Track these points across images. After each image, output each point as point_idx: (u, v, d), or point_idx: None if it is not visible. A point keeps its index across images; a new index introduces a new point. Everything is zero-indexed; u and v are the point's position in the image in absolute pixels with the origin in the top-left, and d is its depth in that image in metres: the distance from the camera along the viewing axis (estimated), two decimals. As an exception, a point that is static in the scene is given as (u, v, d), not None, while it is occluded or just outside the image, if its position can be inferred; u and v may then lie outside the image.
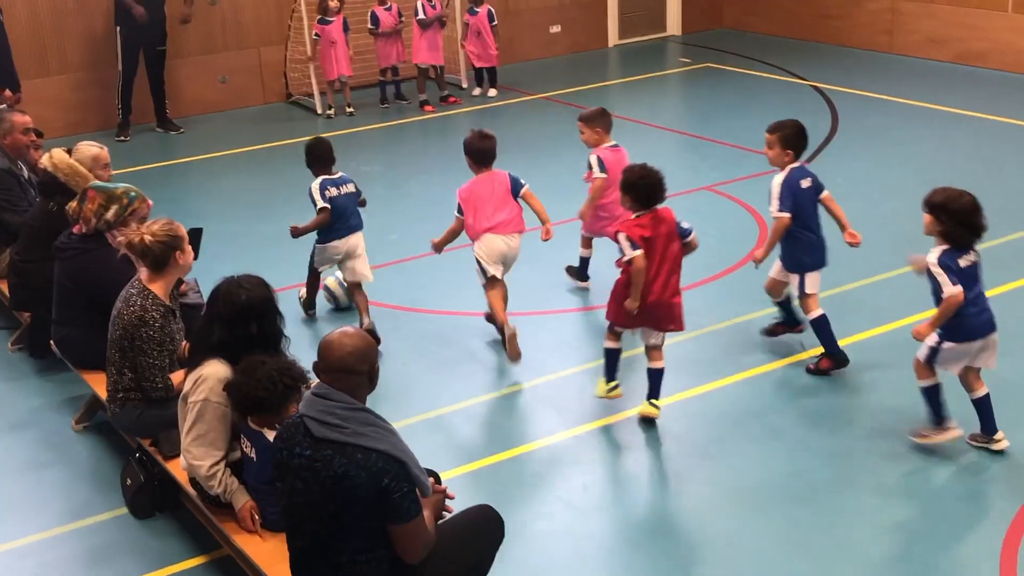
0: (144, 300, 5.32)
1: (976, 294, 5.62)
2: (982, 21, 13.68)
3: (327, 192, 7.36)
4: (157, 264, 5.37)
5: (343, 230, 7.40)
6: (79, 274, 6.09)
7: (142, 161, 11.77)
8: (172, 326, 5.44)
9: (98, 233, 6.11)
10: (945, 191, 5.66)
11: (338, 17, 12.80)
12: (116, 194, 6.14)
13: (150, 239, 5.34)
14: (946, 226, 5.59)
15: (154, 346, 5.33)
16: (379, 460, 3.90)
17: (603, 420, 6.28)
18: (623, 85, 14.35)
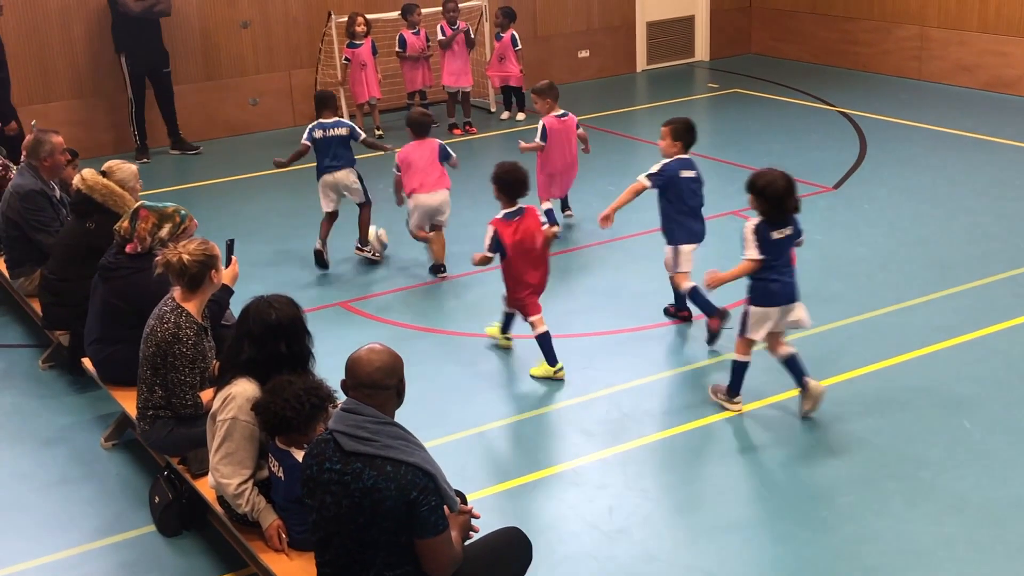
0: (178, 318, 5.37)
1: (783, 264, 6.29)
2: (1012, 48, 13.65)
3: (314, 133, 8.98)
4: (194, 283, 5.43)
5: (328, 167, 8.98)
6: (132, 293, 6.09)
7: (167, 183, 11.89)
8: (204, 344, 5.49)
9: (150, 251, 6.16)
10: (763, 175, 6.32)
11: (367, 40, 12.91)
12: (168, 212, 6.22)
13: (188, 258, 5.40)
14: (764, 206, 6.26)
15: (186, 363, 5.38)
16: (408, 473, 3.93)
17: (629, 444, 6.28)
18: (651, 110, 14.38)
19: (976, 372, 6.87)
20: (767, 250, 6.23)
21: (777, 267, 6.29)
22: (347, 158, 9.01)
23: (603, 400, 6.80)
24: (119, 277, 6.19)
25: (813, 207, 10.02)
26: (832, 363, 7.05)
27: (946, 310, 7.78)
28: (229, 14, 13.56)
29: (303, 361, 4.89)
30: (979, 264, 8.49)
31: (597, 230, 9.64)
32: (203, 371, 5.50)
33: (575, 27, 15.72)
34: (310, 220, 10.49)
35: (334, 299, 8.48)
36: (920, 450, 6.05)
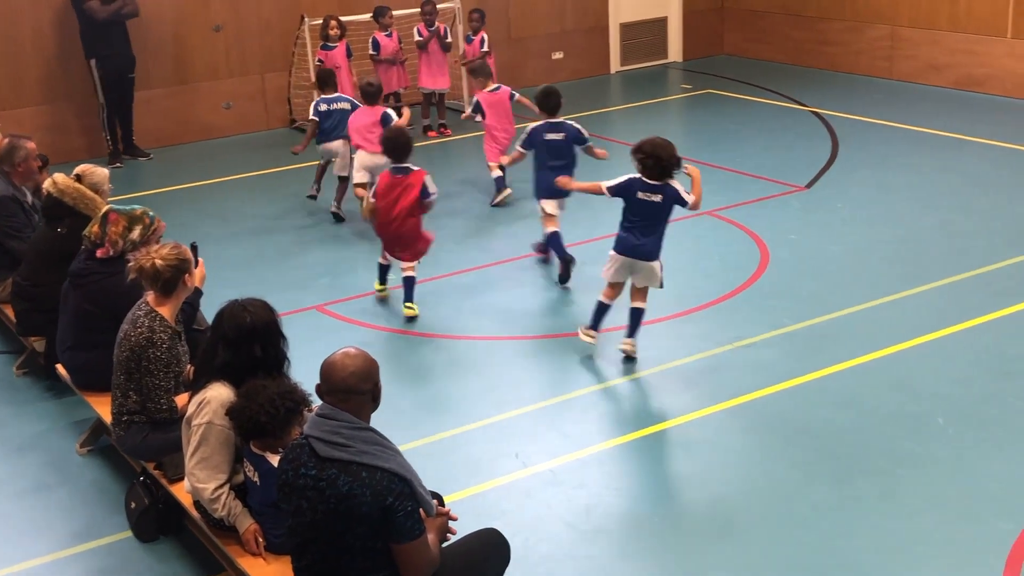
0: (152, 322, 5.36)
1: (643, 225, 6.96)
2: (982, 47, 13.76)
3: (319, 107, 10.45)
4: (167, 287, 5.41)
5: (328, 136, 10.41)
6: (105, 297, 6.07)
7: (140, 187, 11.84)
8: (178, 348, 5.47)
9: (122, 255, 6.14)
10: (652, 143, 6.98)
11: (341, 43, 12.87)
12: (137, 215, 6.21)
13: (161, 263, 5.38)
14: (640, 165, 6.97)
15: (160, 367, 5.36)
16: (384, 478, 3.92)
17: (607, 443, 6.30)
18: (625, 111, 14.42)
19: (949, 368, 6.92)
20: (629, 204, 6.99)
21: (636, 224, 6.97)
22: (344, 130, 10.28)
23: (581, 400, 6.81)
24: (91, 283, 6.16)
25: (786, 206, 10.09)
26: (807, 360, 7.09)
27: (919, 307, 7.84)
28: (201, 18, 13.52)
29: (278, 365, 4.88)
30: (951, 261, 8.56)
31: (574, 230, 9.68)
32: (177, 375, 5.48)
33: (549, 29, 15.75)
34: (284, 223, 10.49)
35: (309, 302, 8.46)
36: (895, 446, 6.09)
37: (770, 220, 9.71)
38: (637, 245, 6.98)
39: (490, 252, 9.38)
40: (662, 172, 6.88)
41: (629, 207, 7.00)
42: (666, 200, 6.92)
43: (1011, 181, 10.47)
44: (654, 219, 6.95)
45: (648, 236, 6.98)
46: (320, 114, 10.43)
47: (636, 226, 6.98)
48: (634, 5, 16.52)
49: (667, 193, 6.92)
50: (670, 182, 6.94)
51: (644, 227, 6.96)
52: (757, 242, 9.21)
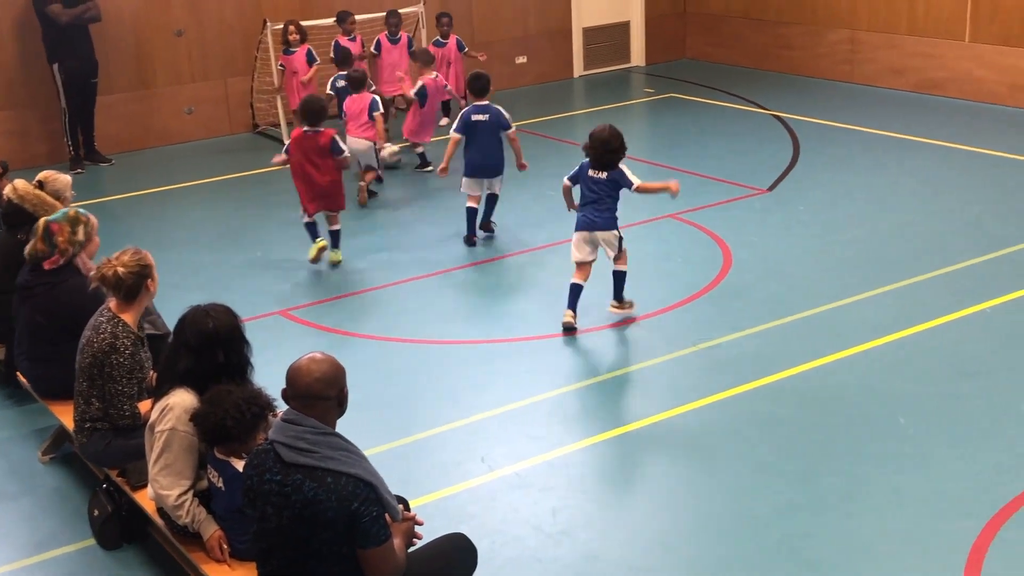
0: (115, 328, 5.33)
1: (590, 200, 7.66)
2: (940, 51, 13.91)
3: (336, 83, 11.49)
4: (130, 294, 5.39)
5: None
6: (56, 307, 6.04)
7: (102, 193, 11.76)
8: (141, 354, 5.44)
9: (67, 264, 6.11)
10: (600, 130, 7.72)
11: (301, 48, 12.82)
12: (73, 216, 6.24)
13: (123, 271, 5.35)
14: (588, 151, 7.69)
15: (123, 374, 5.33)
16: (349, 484, 3.92)
17: (573, 446, 6.31)
18: (588, 115, 14.47)
19: (910, 368, 6.99)
20: (583, 183, 7.73)
21: (590, 200, 7.68)
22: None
23: (547, 403, 6.83)
24: (39, 294, 6.14)
25: (749, 209, 10.16)
26: (769, 361, 7.15)
27: (879, 308, 7.91)
28: (163, 22, 13.44)
29: (241, 371, 4.86)
30: (911, 263, 8.65)
31: (536, 235, 9.72)
32: (140, 381, 5.45)
33: (512, 33, 15.78)
34: (248, 228, 10.44)
35: (273, 307, 8.43)
36: (857, 446, 6.14)
37: (732, 223, 9.78)
38: (593, 220, 7.63)
39: (454, 256, 9.38)
40: (603, 160, 7.62)
41: (583, 186, 7.73)
42: (611, 177, 7.62)
43: (969, 183, 10.60)
44: (603, 194, 7.62)
45: (601, 212, 7.64)
46: (338, 90, 11.46)
47: (590, 202, 7.65)
48: (597, 9, 16.58)
49: (613, 175, 7.64)
50: (618, 168, 7.65)
51: (596, 202, 7.63)
52: (719, 244, 9.27)
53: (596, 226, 7.64)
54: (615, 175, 7.63)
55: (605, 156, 7.60)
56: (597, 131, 7.73)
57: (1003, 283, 8.15)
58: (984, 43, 13.45)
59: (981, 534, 5.27)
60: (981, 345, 7.25)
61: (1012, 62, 13.20)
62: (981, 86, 13.54)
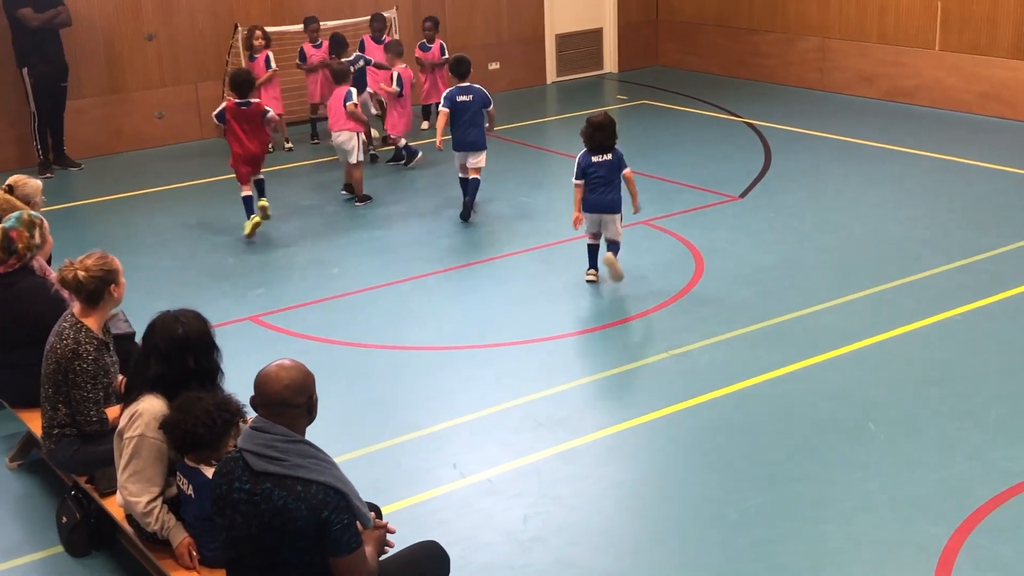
0: (77, 333, 5.29)
1: (598, 183, 8.31)
2: (910, 59, 14.03)
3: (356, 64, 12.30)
4: (92, 298, 5.34)
5: None
6: (16, 309, 5.99)
7: (72, 198, 11.68)
8: (106, 359, 5.40)
9: (24, 267, 6.08)
10: (592, 117, 8.42)
11: (261, 54, 12.76)
12: (27, 221, 6.21)
13: (84, 274, 5.31)
14: (585, 138, 8.40)
15: (88, 379, 5.29)
16: (319, 492, 3.90)
17: (544, 452, 6.31)
18: (561, 121, 14.50)
19: (879, 375, 7.04)
20: (591, 168, 8.32)
21: (599, 182, 8.32)
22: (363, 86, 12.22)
23: (518, 409, 6.82)
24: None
25: (720, 216, 10.20)
26: (737, 368, 7.17)
27: (849, 315, 7.96)
28: (134, 27, 13.37)
29: (212, 377, 4.83)
30: (880, 269, 8.70)
31: (513, 239, 9.72)
32: (107, 386, 5.41)
33: (485, 39, 15.79)
34: (219, 233, 10.39)
35: (244, 313, 8.39)
36: (826, 452, 6.17)
37: (704, 229, 9.81)
38: (603, 200, 8.32)
39: (426, 262, 9.37)
40: (604, 144, 8.33)
41: (591, 171, 8.32)
42: (615, 157, 8.37)
43: (938, 190, 10.68)
44: (611, 175, 8.33)
45: (612, 192, 8.35)
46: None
47: (599, 184, 8.31)
48: (570, 16, 16.62)
49: (616, 154, 8.38)
50: (616, 148, 8.41)
51: (607, 184, 8.32)
52: (692, 251, 9.30)
53: (606, 206, 8.35)
54: (617, 155, 8.38)
55: (606, 140, 8.31)
56: (596, 118, 8.39)
57: (971, 291, 8.22)
58: (953, 52, 13.57)
59: (951, 540, 5.30)
60: (949, 352, 7.30)
61: (981, 71, 13.32)
62: (950, 94, 13.66)
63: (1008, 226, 9.54)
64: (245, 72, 10.49)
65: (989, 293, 8.16)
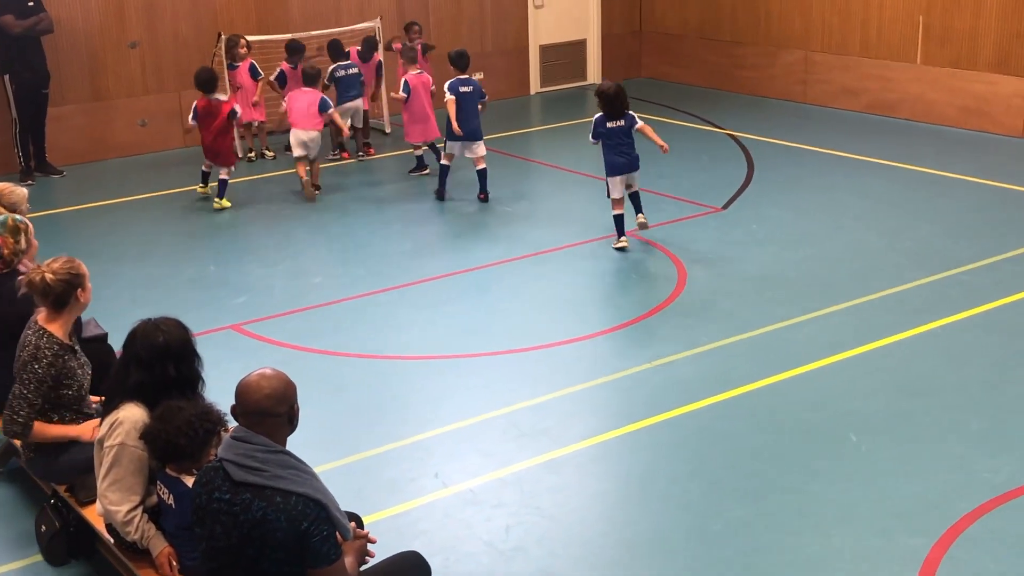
0: (39, 340, 5.27)
1: (618, 145, 9.40)
2: (892, 73, 14.10)
3: (336, 73, 12.53)
4: (59, 302, 5.32)
5: (346, 97, 12.61)
6: (5, 312, 5.97)
7: (54, 205, 11.63)
8: (71, 363, 5.36)
9: (12, 271, 6.06)
10: (602, 85, 9.57)
11: (244, 62, 12.75)
12: (12, 226, 6.18)
13: (51, 277, 5.29)
14: (601, 104, 9.45)
15: (33, 380, 5.25)
16: (299, 503, 3.88)
17: (526, 462, 6.30)
18: (545, 131, 14.52)
19: (861, 386, 7.06)
20: (607, 134, 9.39)
21: (619, 145, 9.39)
22: (356, 91, 12.75)
23: (501, 419, 6.82)
24: None
25: (703, 227, 10.22)
26: (722, 379, 7.18)
27: (831, 326, 7.98)
28: (117, 34, 13.34)
29: (193, 385, 4.81)
30: (862, 282, 8.74)
31: (496, 249, 9.72)
32: (79, 388, 5.38)
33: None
34: (201, 241, 10.37)
35: (225, 322, 8.36)
36: (809, 463, 6.18)
37: (687, 240, 9.84)
38: (628, 160, 9.44)
39: (409, 271, 9.36)
40: (617, 108, 9.38)
41: (608, 137, 9.41)
42: (627, 122, 9.45)
43: (920, 203, 10.73)
44: (626, 137, 9.40)
45: (630, 153, 9.44)
46: (338, 80, 12.52)
47: (617, 146, 9.40)
48: (553, 28, 16.67)
49: (627, 118, 9.45)
50: (627, 112, 9.45)
51: (624, 145, 9.41)
52: (675, 262, 9.31)
53: (632, 165, 9.48)
54: (628, 118, 9.42)
55: (618, 105, 9.35)
56: (604, 88, 9.49)
57: (952, 303, 8.26)
58: (935, 66, 13.65)
59: (932, 551, 5.31)
60: (931, 364, 7.33)
61: (962, 85, 13.41)
62: (932, 108, 13.74)
63: (988, 239, 9.59)
64: (207, 70, 11.33)
65: (969, 305, 8.19)
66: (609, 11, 17.10)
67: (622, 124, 9.38)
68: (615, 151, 9.37)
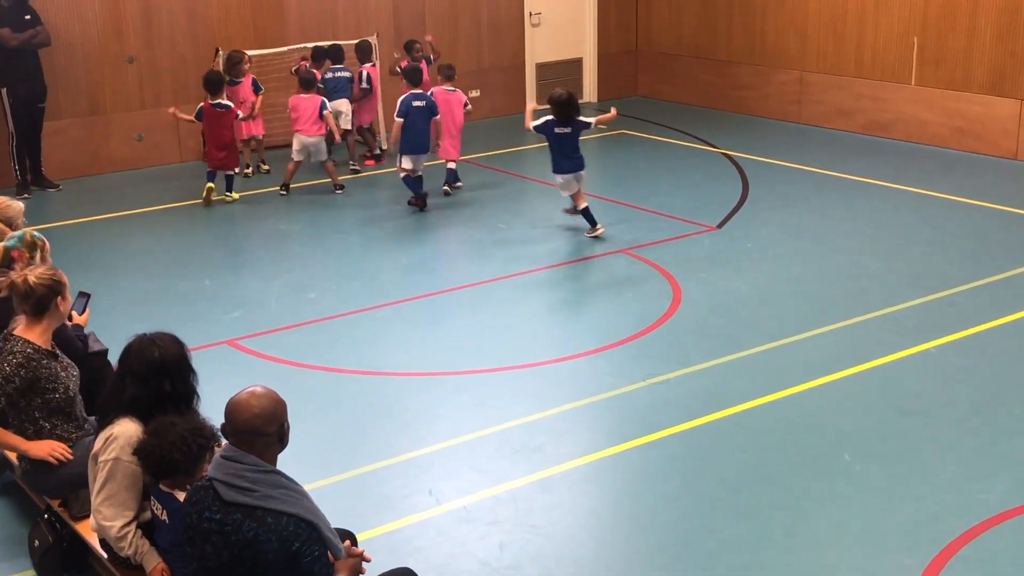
0: (14, 346, 5.30)
1: (563, 148, 10.21)
2: (887, 93, 14.16)
3: (325, 76, 12.92)
4: (39, 307, 5.33)
5: (331, 98, 12.71)
6: None
7: (50, 219, 11.62)
8: (53, 367, 5.37)
9: None
10: (555, 92, 10.32)
11: (247, 77, 12.79)
12: (30, 241, 6.20)
13: (35, 280, 5.31)
14: (552, 110, 10.18)
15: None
16: (289, 523, 3.87)
17: (520, 480, 6.30)
18: (541, 149, 14.52)
19: (855, 406, 7.07)
20: (552, 139, 10.22)
21: (564, 151, 10.19)
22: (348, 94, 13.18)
23: (495, 436, 6.82)
24: None
25: (697, 245, 10.24)
26: (715, 397, 7.19)
27: (825, 345, 8.00)
28: (115, 48, 13.36)
29: (187, 400, 4.81)
30: (856, 301, 8.76)
31: (490, 266, 9.74)
32: (66, 390, 5.39)
33: (466, 67, 15.83)
34: (196, 256, 10.37)
35: (220, 336, 8.36)
36: (802, 482, 6.19)
37: (682, 258, 9.86)
38: (573, 163, 10.23)
39: (405, 287, 9.37)
40: (567, 115, 10.10)
41: (552, 139, 10.23)
42: (574, 130, 10.16)
43: (913, 224, 10.77)
44: (571, 143, 10.20)
45: (574, 158, 10.25)
46: (326, 81, 12.87)
47: (563, 151, 10.19)
48: (550, 46, 16.73)
49: (575, 125, 10.15)
50: (576, 119, 10.18)
51: (570, 150, 10.19)
52: (669, 280, 9.33)
53: (574, 169, 10.23)
54: (576, 125, 10.16)
55: (568, 112, 10.08)
56: (557, 95, 10.18)
57: (945, 323, 8.28)
58: (930, 87, 13.71)
59: (925, 572, 5.32)
60: (924, 384, 7.35)
61: (956, 106, 13.47)
62: (926, 129, 13.80)
63: (981, 260, 9.62)
64: (215, 73, 12.08)
65: (963, 326, 8.22)
66: (605, 30, 17.17)
67: (568, 131, 10.09)
68: (561, 154, 10.20)
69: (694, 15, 16.50)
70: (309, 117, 11.95)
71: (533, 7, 16.42)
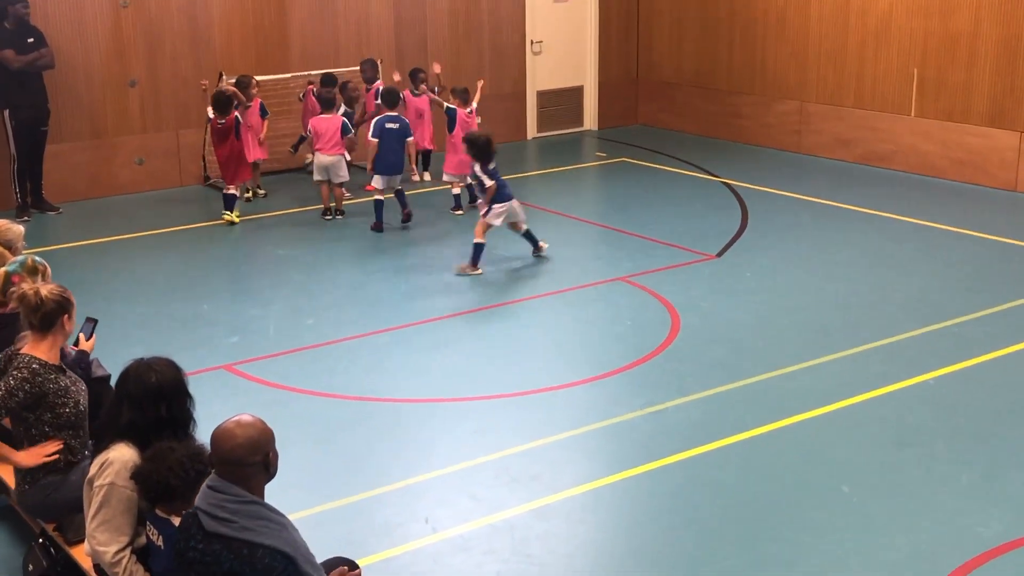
0: (19, 361, 5.30)
1: (501, 182, 10.42)
2: (887, 124, 14.21)
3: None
4: (46, 321, 5.33)
5: None
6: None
7: (50, 242, 11.63)
8: (61, 382, 5.37)
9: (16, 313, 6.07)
10: (473, 135, 10.76)
11: (255, 102, 12.84)
12: (31, 267, 6.21)
13: (46, 294, 5.34)
14: (473, 154, 10.48)
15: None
16: (266, 556, 3.84)
17: (517, 508, 6.28)
18: (541, 176, 14.58)
19: (853, 437, 7.06)
20: (493, 175, 10.38)
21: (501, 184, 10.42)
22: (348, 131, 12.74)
23: (492, 464, 6.80)
24: None
25: (697, 274, 10.25)
26: (713, 427, 7.18)
27: (823, 376, 7.99)
28: (117, 72, 13.40)
29: (184, 426, 4.79)
30: (853, 332, 8.75)
31: (489, 293, 9.73)
32: (75, 404, 5.39)
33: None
34: (194, 280, 10.37)
35: (218, 362, 8.35)
36: (800, 513, 6.17)
37: (681, 287, 9.86)
38: (507, 187, 10.49)
39: (401, 314, 9.37)
40: (482, 155, 10.40)
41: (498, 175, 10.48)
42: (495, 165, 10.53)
43: (912, 255, 10.78)
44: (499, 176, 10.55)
45: (505, 184, 10.51)
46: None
47: (501, 184, 10.44)
48: (551, 74, 16.79)
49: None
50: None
51: (501, 182, 10.45)
52: (668, 308, 9.33)
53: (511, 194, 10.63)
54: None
55: (480, 154, 10.38)
56: (482, 137, 10.56)
57: (944, 355, 8.27)
58: (929, 118, 13.76)
59: (921, 604, 5.30)
60: (922, 416, 7.34)
61: (955, 137, 13.51)
62: (926, 160, 13.83)
63: (980, 292, 9.63)
64: (223, 93, 12.02)
65: (962, 358, 8.21)
66: (607, 58, 17.24)
67: (496, 168, 10.50)
68: (503, 184, 10.52)
69: (695, 44, 16.57)
70: (330, 138, 12.04)
71: (535, 35, 16.49)
